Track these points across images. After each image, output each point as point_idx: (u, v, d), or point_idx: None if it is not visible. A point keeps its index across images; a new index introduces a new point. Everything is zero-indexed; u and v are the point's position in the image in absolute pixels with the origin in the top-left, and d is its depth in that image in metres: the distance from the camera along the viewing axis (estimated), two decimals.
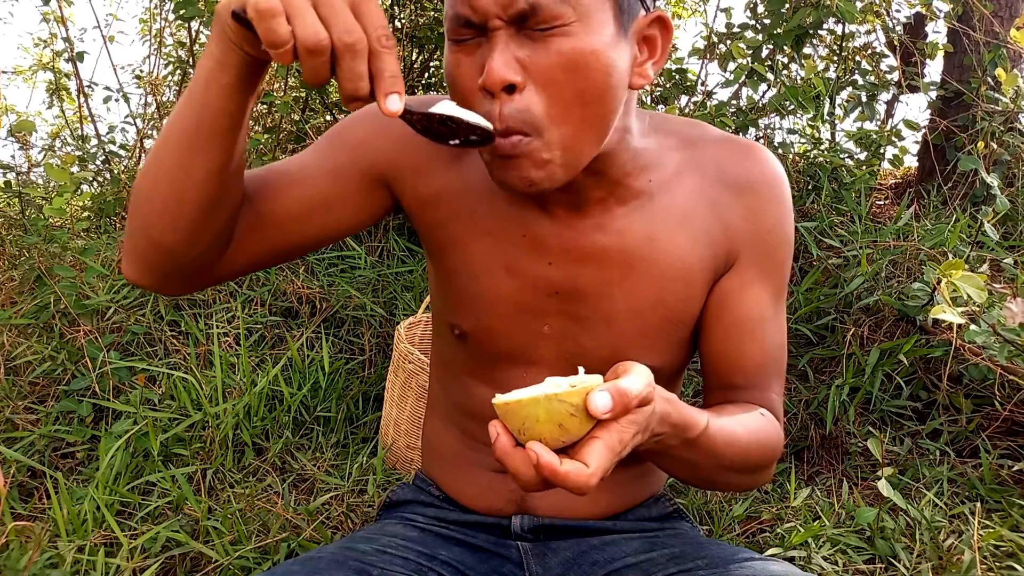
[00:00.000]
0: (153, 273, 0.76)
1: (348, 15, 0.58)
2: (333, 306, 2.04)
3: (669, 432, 0.67)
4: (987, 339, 1.62)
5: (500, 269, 0.84)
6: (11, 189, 2.24)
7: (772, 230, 0.85)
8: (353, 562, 0.79)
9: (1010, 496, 1.49)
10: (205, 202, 0.71)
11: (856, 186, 2.37)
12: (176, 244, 0.72)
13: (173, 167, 0.69)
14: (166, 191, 0.70)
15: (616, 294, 0.83)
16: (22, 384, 1.66)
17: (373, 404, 1.83)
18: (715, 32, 2.70)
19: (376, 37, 0.58)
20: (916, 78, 2.66)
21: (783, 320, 0.89)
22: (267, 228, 0.80)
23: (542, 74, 0.68)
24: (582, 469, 0.57)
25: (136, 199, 0.73)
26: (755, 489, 0.89)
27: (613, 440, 0.58)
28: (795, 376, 1.92)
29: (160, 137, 0.71)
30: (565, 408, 0.57)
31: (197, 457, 1.52)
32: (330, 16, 0.57)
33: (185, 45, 2.97)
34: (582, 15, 0.67)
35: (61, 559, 1.16)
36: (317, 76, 0.58)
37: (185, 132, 0.68)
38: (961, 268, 1.39)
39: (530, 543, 0.92)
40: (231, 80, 0.64)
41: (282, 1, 0.57)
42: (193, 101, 0.67)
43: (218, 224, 0.74)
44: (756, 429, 0.80)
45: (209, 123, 0.66)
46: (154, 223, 0.72)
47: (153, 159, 0.71)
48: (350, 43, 0.57)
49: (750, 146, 0.86)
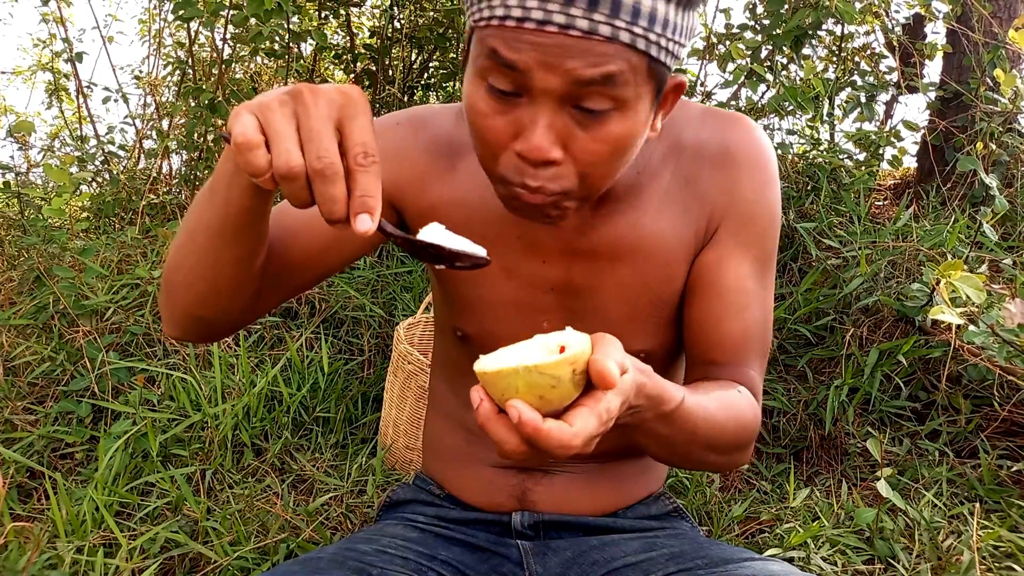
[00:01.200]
0: (197, 334, 0.81)
1: (325, 138, 0.57)
2: (332, 307, 2.04)
3: (644, 404, 0.66)
4: (986, 340, 1.62)
5: (498, 272, 0.86)
6: (10, 190, 2.24)
7: (749, 199, 0.84)
8: (353, 562, 0.79)
9: (1009, 496, 1.49)
10: (238, 283, 0.74)
11: (855, 187, 2.37)
12: (214, 316, 0.77)
13: (205, 260, 0.72)
14: (200, 282, 0.73)
15: (605, 285, 0.85)
16: (21, 385, 1.66)
17: (372, 404, 1.83)
18: (714, 33, 2.71)
19: (353, 156, 0.57)
20: (915, 79, 2.66)
21: (768, 297, 0.87)
22: (289, 274, 0.82)
23: (583, 156, 0.68)
24: (565, 428, 0.56)
25: (170, 287, 0.76)
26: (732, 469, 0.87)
27: (600, 408, 0.57)
28: (794, 376, 1.92)
29: (186, 231, 0.73)
30: (546, 380, 0.55)
31: (196, 458, 1.52)
32: (307, 139, 0.57)
33: (184, 45, 2.96)
34: (631, 101, 0.67)
35: (60, 560, 1.16)
36: (298, 200, 0.58)
37: (211, 229, 0.70)
38: (960, 269, 1.40)
39: (530, 541, 0.92)
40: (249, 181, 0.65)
41: (263, 125, 0.57)
42: (216, 200, 0.68)
43: (251, 291, 0.78)
44: (733, 407, 0.79)
45: (235, 219, 0.68)
46: (192, 306, 0.76)
47: (182, 253, 0.74)
48: (319, 169, 0.56)
49: (730, 116, 0.85)
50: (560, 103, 0.65)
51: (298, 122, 0.57)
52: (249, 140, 0.56)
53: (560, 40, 0.62)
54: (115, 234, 2.24)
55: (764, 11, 2.45)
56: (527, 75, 0.64)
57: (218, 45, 2.65)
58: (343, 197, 0.57)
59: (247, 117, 0.57)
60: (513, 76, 0.65)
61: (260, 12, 2.12)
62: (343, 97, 0.58)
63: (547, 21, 0.62)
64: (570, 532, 0.93)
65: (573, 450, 0.56)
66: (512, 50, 0.64)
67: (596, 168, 0.69)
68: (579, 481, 0.94)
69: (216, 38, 2.71)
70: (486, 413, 0.57)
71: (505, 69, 0.65)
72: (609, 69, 0.63)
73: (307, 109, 0.57)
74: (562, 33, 0.62)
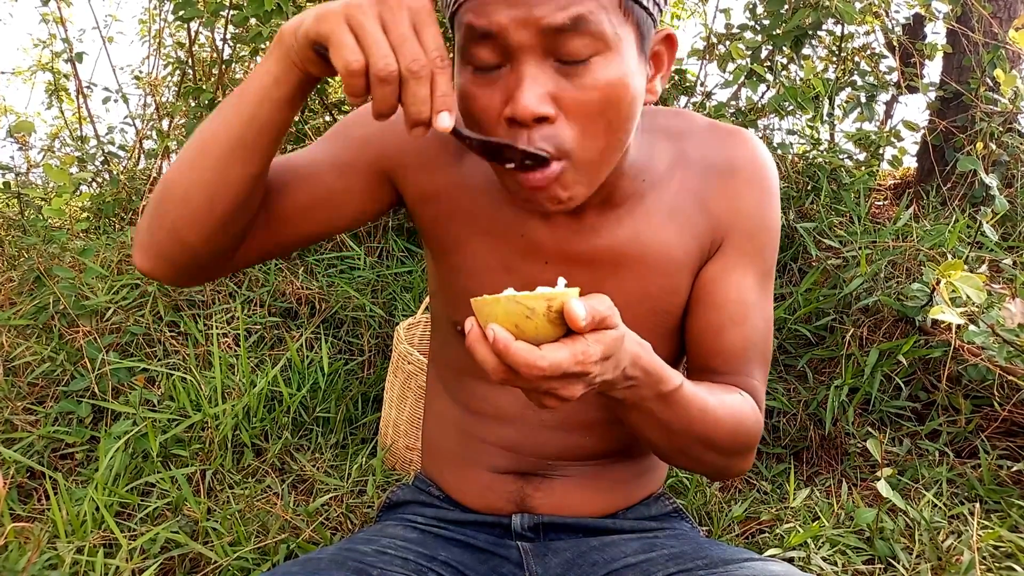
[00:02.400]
0: (171, 266, 0.77)
1: (414, 42, 0.61)
2: (332, 307, 2.04)
3: (642, 378, 0.67)
4: (986, 340, 1.62)
5: (499, 268, 0.85)
6: (10, 190, 2.24)
7: (753, 214, 0.85)
8: (353, 563, 0.79)
9: (1009, 496, 1.49)
10: (236, 206, 0.73)
11: (855, 187, 2.37)
12: (201, 242, 0.75)
13: (211, 174, 0.71)
14: (200, 196, 0.72)
15: (606, 291, 0.84)
16: (21, 385, 1.66)
17: (372, 405, 1.83)
18: (714, 33, 2.70)
19: (433, 59, 0.61)
20: (915, 79, 2.66)
21: (768, 307, 0.88)
22: (278, 223, 0.81)
23: (574, 107, 0.67)
24: (533, 349, 0.58)
25: (164, 200, 0.74)
26: (731, 476, 0.87)
27: (576, 348, 0.59)
28: (794, 376, 1.92)
29: (195, 145, 0.73)
30: (521, 310, 0.58)
31: (196, 458, 1.52)
32: (399, 43, 0.61)
33: (184, 46, 2.96)
34: (612, 43, 0.67)
35: (60, 560, 1.16)
36: (386, 104, 0.62)
37: (229, 142, 0.70)
38: (960, 269, 1.40)
39: (530, 543, 0.92)
40: (286, 95, 0.68)
41: (356, 30, 0.60)
42: (241, 113, 0.69)
43: (243, 223, 0.76)
44: (733, 407, 0.80)
45: (255, 134, 0.69)
46: (182, 224, 0.74)
47: (187, 165, 0.73)
48: (416, 70, 0.60)
49: (733, 131, 0.86)
50: (541, 58, 0.66)
51: (386, 27, 0.61)
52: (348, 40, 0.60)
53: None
54: (115, 234, 2.24)
55: (764, 11, 2.45)
56: (502, 36, 0.65)
57: (218, 45, 2.65)
58: (429, 96, 0.61)
59: (341, 25, 0.61)
60: (491, 44, 0.66)
61: (260, 12, 2.12)
62: (419, 4, 0.62)
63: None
64: (570, 533, 0.93)
65: (538, 371, 0.58)
66: (483, 15, 0.66)
67: (592, 122, 0.68)
68: (578, 483, 0.94)
69: (216, 38, 2.71)
70: (473, 335, 0.60)
71: (482, 40, 0.66)
72: (577, 10, 0.64)
73: (395, 15, 0.61)
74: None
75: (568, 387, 0.60)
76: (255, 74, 0.69)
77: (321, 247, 2.25)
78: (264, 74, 0.68)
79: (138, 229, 0.78)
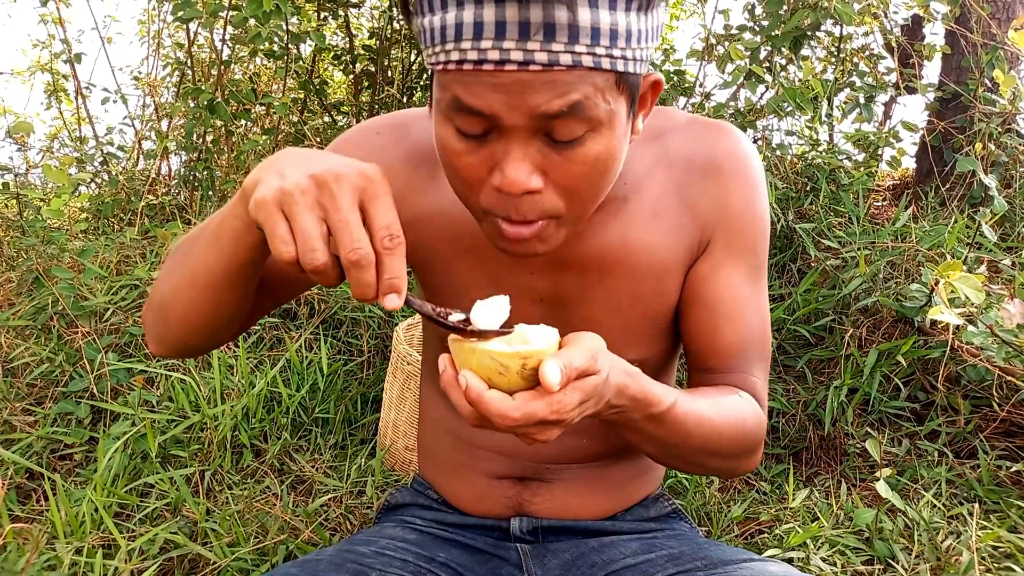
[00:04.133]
0: (181, 355, 0.83)
1: (357, 226, 0.59)
2: (332, 307, 2.04)
3: (629, 405, 0.67)
4: (985, 340, 1.62)
5: (485, 282, 0.85)
6: (9, 190, 2.24)
7: (740, 210, 0.84)
8: (351, 564, 0.79)
9: (1008, 497, 1.49)
10: (233, 318, 0.76)
11: (854, 187, 2.37)
12: (207, 342, 0.79)
13: (204, 299, 0.73)
14: (198, 317, 0.75)
15: (595, 297, 0.84)
16: (20, 386, 1.66)
17: (372, 406, 1.83)
18: (713, 34, 2.71)
19: (380, 239, 0.59)
20: (914, 80, 2.67)
21: (762, 301, 0.87)
22: (272, 289, 0.83)
23: (562, 180, 0.66)
24: (506, 399, 0.58)
25: (164, 317, 0.77)
26: (739, 475, 0.87)
27: (553, 399, 0.58)
28: (793, 377, 1.92)
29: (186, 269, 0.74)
30: (495, 366, 0.58)
31: (195, 459, 1.52)
32: (338, 229, 0.59)
33: (183, 46, 2.96)
34: (605, 120, 0.64)
35: (59, 561, 1.16)
36: (328, 283, 0.61)
37: (214, 275, 0.71)
38: (959, 269, 1.40)
39: (529, 544, 0.92)
40: (258, 240, 0.67)
41: (290, 220, 0.59)
42: (222, 250, 0.69)
43: (243, 320, 0.80)
44: (732, 411, 0.79)
45: (237, 269, 0.70)
46: (186, 336, 0.78)
47: (180, 288, 0.74)
48: (355, 260, 0.58)
49: (715, 126, 0.85)
50: (532, 134, 0.64)
51: (325, 212, 0.59)
52: (280, 233, 0.59)
53: (520, 77, 0.60)
54: (114, 235, 2.24)
55: (763, 12, 2.45)
56: (493, 118, 0.63)
57: (217, 46, 2.65)
58: (374, 281, 0.60)
59: (276, 215, 0.59)
60: (479, 120, 0.63)
61: (259, 13, 2.12)
62: (364, 180, 0.60)
63: (505, 60, 0.60)
64: (569, 535, 0.93)
65: (511, 421, 0.58)
66: (474, 95, 0.62)
67: (580, 190, 0.67)
68: (576, 486, 0.93)
69: (215, 39, 2.71)
70: (447, 379, 0.60)
71: (470, 115, 0.63)
72: (574, 98, 0.61)
73: (334, 199, 0.59)
74: (522, 70, 0.60)
75: (544, 432, 0.60)
76: (227, 217, 0.68)
77: None
78: (234, 219, 0.67)
79: (144, 323, 0.81)
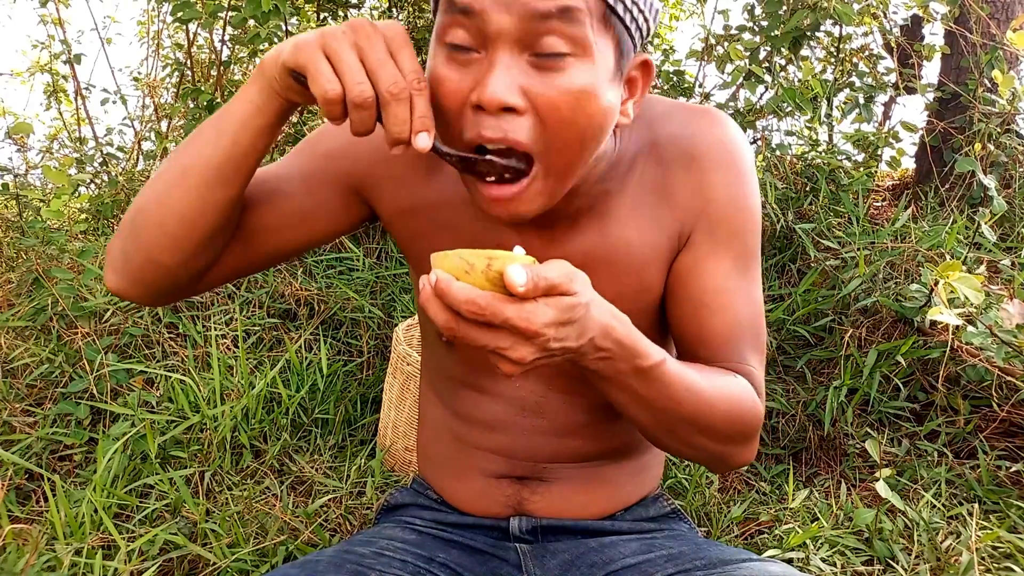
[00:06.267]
0: (144, 288, 0.78)
1: (391, 65, 0.63)
2: (331, 308, 2.04)
3: (615, 351, 0.65)
4: (984, 340, 1.62)
5: None
6: (9, 191, 2.23)
7: (722, 198, 0.81)
8: (351, 565, 0.79)
9: (1008, 497, 1.49)
10: (215, 229, 0.74)
11: (854, 188, 2.37)
12: (176, 263, 0.75)
13: (190, 198, 0.72)
14: (177, 219, 0.73)
15: None
16: (19, 386, 1.66)
17: (371, 406, 1.83)
18: (713, 34, 2.71)
19: (411, 81, 0.63)
20: (913, 80, 2.67)
21: (754, 290, 0.84)
22: (248, 241, 0.82)
23: (544, 104, 0.66)
24: (472, 289, 0.56)
25: (139, 223, 0.75)
26: (734, 467, 0.83)
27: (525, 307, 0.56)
28: (793, 377, 1.92)
29: (174, 169, 0.73)
30: (461, 264, 0.57)
31: (195, 459, 1.52)
32: (377, 67, 0.63)
33: (183, 47, 2.96)
34: (590, 49, 0.65)
35: (59, 562, 1.16)
36: (364, 126, 0.64)
37: (209, 167, 0.71)
38: (958, 269, 1.40)
39: (528, 544, 0.92)
40: (267, 122, 0.69)
41: (332, 59, 0.62)
42: (222, 139, 0.70)
43: (219, 245, 0.77)
44: (727, 388, 0.77)
45: (237, 159, 0.71)
46: (157, 246, 0.74)
47: (165, 189, 0.73)
48: (395, 92, 0.62)
49: (699, 112, 0.83)
50: (517, 49, 0.65)
51: (362, 53, 0.63)
52: (325, 69, 0.62)
53: None
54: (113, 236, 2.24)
55: (762, 12, 2.45)
56: (481, 17, 0.64)
57: (216, 47, 2.65)
58: (409, 117, 0.63)
59: (317, 54, 0.63)
60: (469, 24, 0.65)
61: (258, 14, 2.12)
62: (392, 31, 0.64)
63: None
64: (568, 535, 0.93)
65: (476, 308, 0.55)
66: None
67: (561, 124, 0.66)
68: (575, 486, 0.93)
69: (215, 40, 2.71)
70: (426, 295, 0.58)
71: (461, 17, 0.65)
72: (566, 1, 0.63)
73: (370, 41, 0.63)
74: None
75: (517, 347, 0.58)
76: (236, 103, 0.70)
77: (320, 248, 2.25)
78: (246, 102, 0.69)
79: (110, 249, 0.78)
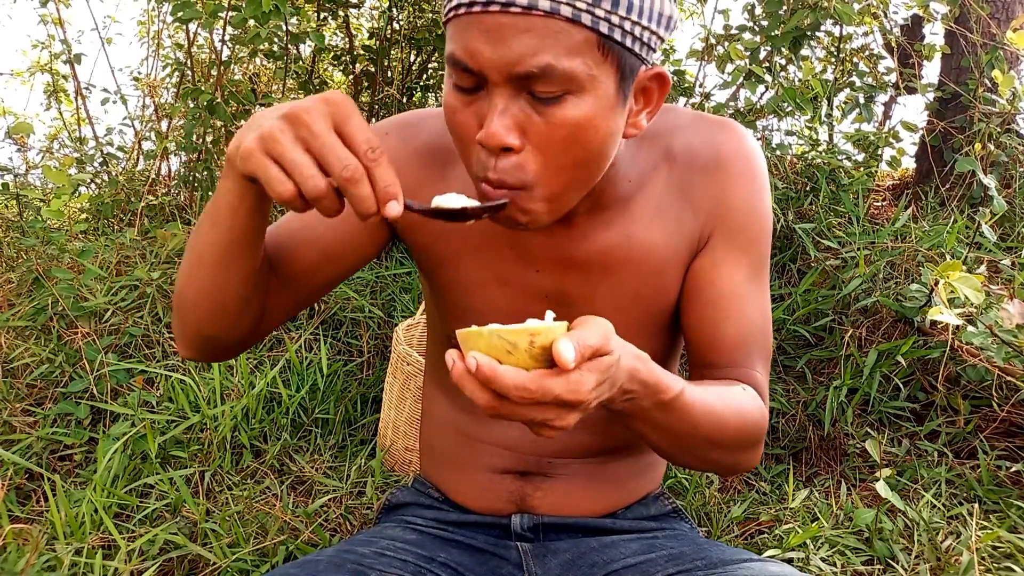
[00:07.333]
0: (207, 352, 0.84)
1: (339, 148, 0.61)
2: (331, 308, 2.04)
3: (640, 391, 0.66)
4: (984, 340, 1.62)
5: (491, 281, 0.86)
6: (9, 191, 2.23)
7: (742, 207, 0.84)
8: (351, 564, 0.79)
9: (1008, 497, 1.49)
10: (243, 298, 0.77)
11: (854, 187, 2.37)
12: (222, 332, 0.80)
13: (213, 279, 0.75)
14: (208, 297, 0.77)
15: (598, 294, 0.85)
16: (19, 386, 1.66)
17: (371, 406, 1.83)
18: (713, 34, 2.71)
19: (364, 153, 0.61)
20: (913, 80, 2.67)
21: (764, 298, 0.87)
22: (289, 287, 0.84)
23: (540, 140, 0.68)
24: (521, 372, 0.56)
25: (179, 305, 0.80)
26: (741, 471, 0.86)
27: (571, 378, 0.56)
28: (793, 377, 1.92)
29: (191, 259, 0.77)
30: (503, 345, 0.56)
31: (195, 459, 1.52)
32: (325, 155, 0.60)
33: (183, 47, 2.96)
34: (586, 84, 0.66)
35: (59, 562, 1.16)
36: (329, 212, 0.63)
37: (217, 251, 0.73)
38: (958, 269, 1.40)
39: (529, 543, 0.92)
40: (252, 204, 0.70)
41: (279, 160, 0.61)
42: (218, 227, 0.72)
43: (256, 307, 0.81)
44: (736, 402, 0.79)
45: (238, 241, 0.72)
46: (199, 322, 0.79)
47: (188, 277, 0.77)
48: (349, 176, 0.60)
49: (720, 123, 0.86)
50: (515, 90, 0.66)
51: (306, 144, 0.61)
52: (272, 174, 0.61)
53: (500, 20, 0.64)
54: (114, 235, 2.24)
55: (763, 12, 2.45)
56: (478, 72, 0.66)
57: (217, 46, 2.64)
58: (371, 193, 0.61)
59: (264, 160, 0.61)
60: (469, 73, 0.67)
61: (258, 14, 2.12)
62: (331, 105, 0.62)
63: (490, 1, 0.64)
64: (569, 534, 0.93)
65: (528, 394, 0.55)
66: (462, 49, 0.66)
67: (556, 157, 0.68)
68: (578, 482, 0.94)
69: (215, 39, 2.71)
70: (459, 372, 0.57)
71: (461, 68, 0.67)
72: (545, 59, 0.64)
73: (311, 129, 0.61)
74: (503, 12, 0.63)
75: (563, 416, 0.58)
76: (219, 193, 0.71)
77: None
78: (226, 192, 0.70)
79: (173, 327, 0.85)
